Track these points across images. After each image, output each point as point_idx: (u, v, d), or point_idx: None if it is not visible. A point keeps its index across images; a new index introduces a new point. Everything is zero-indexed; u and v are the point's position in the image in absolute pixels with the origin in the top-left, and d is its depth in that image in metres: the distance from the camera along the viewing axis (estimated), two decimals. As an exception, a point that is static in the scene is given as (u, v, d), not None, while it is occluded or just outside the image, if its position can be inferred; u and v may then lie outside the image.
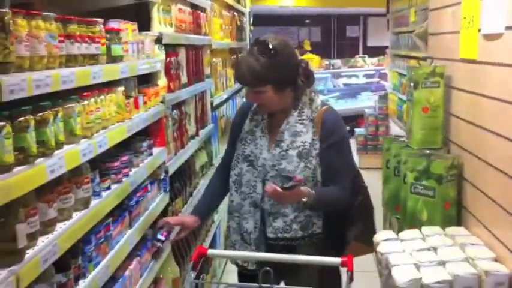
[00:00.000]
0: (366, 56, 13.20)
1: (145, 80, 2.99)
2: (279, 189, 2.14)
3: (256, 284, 2.05)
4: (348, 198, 2.39)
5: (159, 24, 3.19)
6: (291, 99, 2.37)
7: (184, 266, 3.42)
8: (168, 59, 3.27)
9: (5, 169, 1.44)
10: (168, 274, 3.18)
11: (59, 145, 1.75)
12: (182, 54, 3.67)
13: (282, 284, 2.40)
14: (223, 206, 3.40)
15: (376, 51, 12.82)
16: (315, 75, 2.38)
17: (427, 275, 2.15)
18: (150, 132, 2.99)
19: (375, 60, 12.65)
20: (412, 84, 2.87)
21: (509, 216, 2.14)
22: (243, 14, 7.89)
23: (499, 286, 2.11)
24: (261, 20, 14.15)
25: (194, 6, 4.19)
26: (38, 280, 1.63)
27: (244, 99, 2.62)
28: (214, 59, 4.94)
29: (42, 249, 1.62)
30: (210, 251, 2.28)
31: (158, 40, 3.11)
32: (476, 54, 2.42)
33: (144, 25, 3.02)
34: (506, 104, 2.14)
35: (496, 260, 2.22)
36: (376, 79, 12.25)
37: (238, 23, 7.02)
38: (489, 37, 2.28)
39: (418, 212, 2.72)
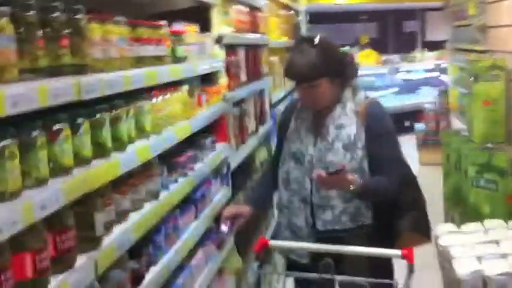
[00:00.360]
0: (425, 50, 12.92)
1: (207, 79, 3.11)
2: (324, 173, 2.15)
3: (317, 274, 2.11)
4: (395, 189, 2.37)
5: (219, 25, 3.30)
6: (338, 92, 2.40)
7: (246, 258, 3.52)
8: (228, 58, 3.37)
9: (84, 162, 1.58)
10: (232, 265, 3.29)
11: (131, 141, 1.88)
12: (241, 53, 3.77)
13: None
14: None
15: (435, 46, 12.51)
16: (373, 71, 2.44)
17: (488, 267, 2.15)
18: (213, 129, 3.10)
19: (434, 54, 12.36)
20: (471, 77, 2.85)
21: None
22: (299, 12, 7.95)
23: None
24: (317, 17, 14.11)
25: (251, 7, 4.28)
26: (114, 266, 1.76)
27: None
28: (271, 58, 5.02)
29: (118, 237, 1.74)
30: (272, 242, 2.33)
31: (218, 40, 3.22)
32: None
33: (204, 26, 3.13)
34: None
35: (561, 254, 2.18)
36: (436, 74, 11.97)
37: (295, 21, 7.08)
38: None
39: (480, 206, 2.70)
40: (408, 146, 8.87)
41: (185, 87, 2.56)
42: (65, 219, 1.45)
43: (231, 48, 3.53)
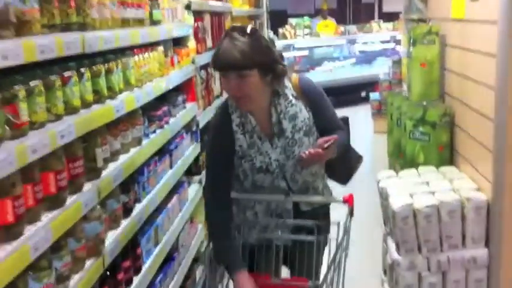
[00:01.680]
0: (381, 21, 13.36)
1: (178, 42, 3.42)
2: (320, 151, 2.13)
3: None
4: (349, 139, 2.47)
5: (189, -8, 3.59)
6: (270, 90, 2.28)
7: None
8: (196, 24, 3.68)
9: (87, 106, 1.90)
10: (201, 216, 3.66)
11: (120, 91, 2.20)
12: (207, 20, 4.08)
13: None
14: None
15: (392, 17, 12.96)
16: (331, 42, 2.46)
17: (418, 201, 2.59)
18: (183, 89, 3.43)
19: (390, 25, 12.79)
20: (410, 42, 3.26)
21: (489, 153, 2.56)
22: (260, -18, 8.23)
23: (479, 210, 2.54)
24: (277, -13, 14.32)
25: (216, -25, 4.58)
26: (109, 196, 2.10)
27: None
28: (234, 25, 5.32)
29: (112, 172, 2.08)
30: (233, 193, 2.32)
31: (187, 7, 3.52)
32: (464, 14, 2.80)
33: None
34: (485, 55, 2.54)
35: (478, 190, 2.64)
36: (391, 45, 12.43)
37: (256, -10, 7.38)
38: (472, -1, 2.67)
39: (415, 155, 3.14)
40: (364, 116, 9.35)
41: (161, 48, 2.88)
42: (76, 150, 1.78)
43: (198, 15, 3.83)
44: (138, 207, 2.41)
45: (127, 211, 2.28)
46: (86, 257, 1.83)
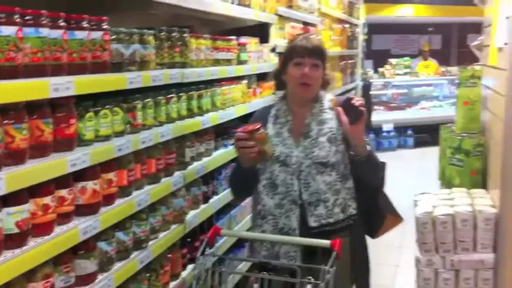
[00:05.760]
0: (485, 64, 13.46)
1: (263, 77, 4.24)
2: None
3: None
4: (384, 173, 2.62)
5: (275, 38, 4.44)
6: (319, 88, 2.53)
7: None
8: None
9: (182, 118, 2.75)
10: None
11: (207, 111, 3.04)
12: (292, 60, 4.88)
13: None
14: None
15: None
16: (430, 81, 2.86)
17: (437, 211, 3.17)
18: (264, 115, 4.23)
19: (492, 68, 12.87)
20: (457, 83, 3.85)
21: (499, 177, 3.09)
22: (356, 25, 8.95)
23: (487, 221, 3.06)
24: (380, 28, 14.92)
25: (306, 23, 5.40)
26: (192, 185, 2.92)
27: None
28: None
29: (196, 167, 2.91)
30: (224, 231, 2.47)
31: (273, 50, 4.36)
32: (496, 62, 3.38)
33: (265, 38, 4.27)
34: (503, 97, 3.11)
35: (492, 206, 3.17)
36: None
37: (349, 33, 8.11)
38: (499, 50, 3.23)
39: (452, 179, 3.69)
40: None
41: (244, 81, 3.71)
42: (170, 147, 2.63)
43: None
44: (215, 198, 3.21)
45: (206, 198, 3.09)
46: (172, 222, 2.67)
